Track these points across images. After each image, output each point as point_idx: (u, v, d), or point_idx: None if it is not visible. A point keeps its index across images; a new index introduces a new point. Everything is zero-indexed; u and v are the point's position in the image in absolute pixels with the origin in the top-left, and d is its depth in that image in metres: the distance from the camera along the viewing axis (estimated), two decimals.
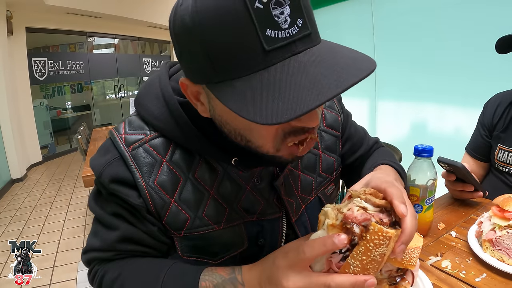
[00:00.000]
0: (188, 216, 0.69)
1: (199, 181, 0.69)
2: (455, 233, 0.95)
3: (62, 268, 2.87)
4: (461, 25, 2.73)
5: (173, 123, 0.66)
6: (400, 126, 3.51)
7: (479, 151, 1.44)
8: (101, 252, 0.71)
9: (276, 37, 0.46)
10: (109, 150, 0.68)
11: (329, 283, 0.49)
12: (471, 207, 1.13)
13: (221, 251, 0.74)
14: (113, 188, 0.65)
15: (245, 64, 0.47)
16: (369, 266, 0.49)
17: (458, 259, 0.83)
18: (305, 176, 0.82)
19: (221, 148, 0.67)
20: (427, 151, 0.87)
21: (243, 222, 0.74)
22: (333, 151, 0.87)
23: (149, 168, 0.66)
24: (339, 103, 0.91)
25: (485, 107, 1.45)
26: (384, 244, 0.49)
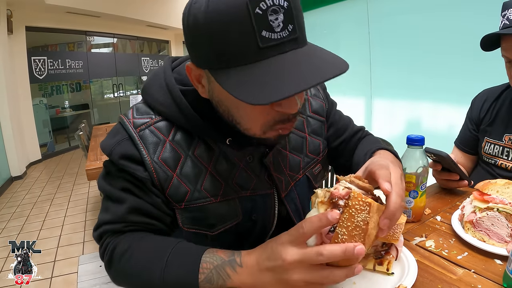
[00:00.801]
0: (188, 189, 0.77)
1: (197, 158, 0.78)
2: (440, 218, 1.01)
3: (63, 262, 2.92)
4: (454, 25, 2.78)
5: (176, 108, 0.76)
6: (395, 124, 3.57)
7: (467, 144, 1.50)
8: (112, 224, 0.78)
9: (270, 38, 0.55)
10: (118, 132, 0.78)
11: (321, 251, 0.54)
12: (457, 196, 1.19)
13: (217, 223, 0.82)
14: (122, 163, 0.75)
15: (242, 57, 0.57)
16: (354, 232, 0.55)
17: (442, 239, 0.89)
18: (293, 156, 0.91)
19: (217, 130, 0.76)
20: (419, 140, 0.94)
21: (238, 197, 0.83)
22: (318, 135, 0.97)
23: (154, 146, 0.76)
24: (324, 92, 1.02)
25: (473, 102, 1.51)
26: (365, 210, 0.55)
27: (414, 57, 3.19)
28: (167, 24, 8.97)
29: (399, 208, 0.59)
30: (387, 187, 0.58)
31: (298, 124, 0.93)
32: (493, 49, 1.25)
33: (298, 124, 0.93)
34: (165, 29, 9.59)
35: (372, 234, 0.57)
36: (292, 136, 0.92)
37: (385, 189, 0.58)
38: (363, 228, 0.55)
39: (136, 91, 9.92)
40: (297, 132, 0.93)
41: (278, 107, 0.63)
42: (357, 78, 3.86)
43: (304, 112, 0.95)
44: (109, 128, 4.00)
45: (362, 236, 0.55)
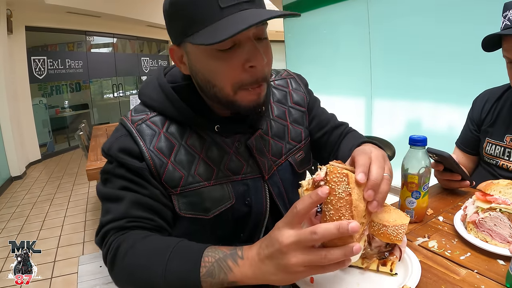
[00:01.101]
0: (182, 174, 0.84)
1: (190, 146, 0.86)
2: (442, 218, 1.01)
3: (63, 263, 2.92)
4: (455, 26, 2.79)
5: (168, 102, 0.85)
6: (395, 124, 3.58)
7: (469, 145, 1.50)
8: (115, 222, 0.80)
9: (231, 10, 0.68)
10: (118, 130, 0.87)
11: (315, 229, 0.54)
12: (459, 196, 1.19)
13: (212, 206, 0.87)
14: (121, 156, 0.81)
15: (208, 18, 0.68)
16: (339, 205, 0.55)
17: (444, 240, 0.89)
18: (275, 142, 0.98)
19: (206, 118, 0.85)
20: (421, 140, 0.94)
21: (231, 182, 0.89)
22: (300, 124, 1.04)
23: (150, 137, 0.84)
24: (306, 88, 1.10)
25: (474, 103, 1.51)
26: (344, 181, 0.56)
27: (415, 58, 3.20)
28: None
29: (381, 178, 0.60)
30: (360, 177, 0.59)
31: (280, 113, 1.01)
32: (494, 50, 1.25)
33: (280, 113, 1.01)
34: (164, 29, 9.28)
35: (359, 207, 0.57)
36: (275, 124, 0.99)
37: (357, 179, 0.59)
38: (346, 200, 0.55)
39: (136, 91, 9.91)
40: (279, 121, 1.00)
41: (247, 63, 0.72)
42: (357, 78, 3.87)
43: (286, 103, 1.03)
44: (109, 128, 4.01)
45: (348, 208, 0.55)
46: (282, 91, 1.05)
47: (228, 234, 0.92)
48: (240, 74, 0.74)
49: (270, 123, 0.98)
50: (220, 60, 0.73)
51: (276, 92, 1.04)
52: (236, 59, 0.72)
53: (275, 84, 1.06)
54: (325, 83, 4.41)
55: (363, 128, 3.91)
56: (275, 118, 0.99)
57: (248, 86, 0.76)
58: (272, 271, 0.59)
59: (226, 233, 0.92)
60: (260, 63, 0.73)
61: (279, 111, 1.01)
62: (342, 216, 0.55)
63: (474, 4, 2.62)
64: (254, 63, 0.73)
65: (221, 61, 0.73)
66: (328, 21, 4.18)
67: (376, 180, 0.59)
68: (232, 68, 0.73)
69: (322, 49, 4.39)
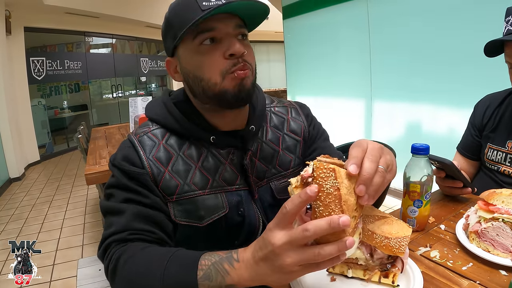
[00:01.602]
0: (178, 182, 0.88)
1: (187, 157, 0.91)
2: (444, 226, 1.00)
3: (62, 266, 2.90)
4: (455, 28, 2.79)
5: (169, 115, 0.93)
6: (395, 126, 3.57)
7: (470, 150, 1.49)
8: (117, 235, 0.82)
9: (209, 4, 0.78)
10: (123, 143, 0.94)
11: (306, 227, 0.53)
12: (460, 203, 1.18)
13: (206, 214, 0.90)
14: (123, 164, 0.88)
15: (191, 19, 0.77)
16: (328, 200, 0.54)
17: (446, 249, 0.89)
18: (261, 165, 0.99)
19: (203, 130, 0.91)
20: (424, 149, 0.93)
21: (225, 192, 0.93)
22: (291, 152, 1.05)
23: (150, 148, 0.90)
24: (306, 118, 1.11)
25: (476, 108, 1.51)
26: (331, 176, 0.55)
27: (415, 59, 3.20)
28: None
29: (374, 172, 0.58)
30: (352, 169, 0.57)
31: (274, 138, 1.03)
32: (497, 55, 1.25)
33: (274, 138, 1.03)
34: None
35: (349, 201, 0.56)
36: (266, 147, 1.01)
37: (348, 171, 0.57)
38: (335, 195, 0.54)
39: (135, 91, 9.91)
40: (271, 145, 1.02)
41: (227, 51, 0.81)
42: (357, 80, 3.86)
43: (282, 130, 1.06)
44: (108, 130, 3.99)
45: (338, 203, 0.54)
46: (280, 118, 1.07)
47: (222, 241, 0.94)
48: (223, 62, 0.82)
49: (261, 145, 1.00)
50: (205, 54, 0.82)
51: (274, 118, 1.07)
52: (217, 50, 0.82)
53: (274, 110, 1.09)
54: (325, 84, 4.41)
55: (363, 130, 3.91)
56: (267, 141, 1.02)
57: (234, 69, 0.82)
58: (268, 273, 0.59)
59: (220, 241, 0.94)
60: (238, 51, 0.81)
61: (273, 136, 1.04)
62: (332, 211, 0.54)
63: (475, 6, 2.62)
64: (233, 51, 0.80)
65: (205, 55, 0.82)
66: (328, 22, 4.17)
67: (368, 174, 0.57)
68: (215, 57, 0.82)
69: (321, 51, 4.38)
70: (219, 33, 0.82)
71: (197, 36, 0.81)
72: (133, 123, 3.15)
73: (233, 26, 0.83)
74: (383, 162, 0.61)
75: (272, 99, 1.12)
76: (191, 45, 0.83)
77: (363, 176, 0.57)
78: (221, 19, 0.81)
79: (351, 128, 4.06)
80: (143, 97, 3.33)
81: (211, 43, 0.82)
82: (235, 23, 0.83)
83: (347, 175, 0.57)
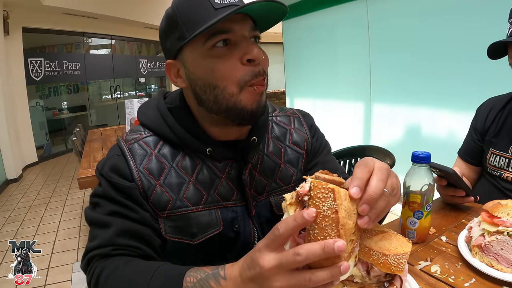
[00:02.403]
0: (170, 197, 0.82)
1: (181, 169, 0.84)
2: (445, 238, 0.96)
3: (57, 269, 2.87)
4: (456, 29, 2.75)
5: (163, 121, 0.85)
6: (395, 129, 3.53)
7: (471, 155, 1.45)
8: (100, 249, 0.77)
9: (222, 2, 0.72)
10: (112, 149, 0.87)
11: (298, 251, 0.49)
12: (462, 212, 1.14)
13: (199, 232, 0.84)
14: (111, 176, 0.80)
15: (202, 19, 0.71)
16: (324, 224, 0.50)
17: (448, 264, 0.84)
18: (261, 179, 0.92)
19: (198, 140, 0.83)
20: (425, 157, 0.88)
21: (219, 207, 0.86)
22: (294, 165, 0.98)
23: (140, 157, 0.83)
24: (310, 130, 1.03)
25: (478, 112, 1.46)
26: (329, 197, 0.50)
27: (415, 61, 3.16)
28: None
29: (380, 192, 0.54)
30: (354, 192, 0.52)
31: (275, 150, 0.96)
32: (500, 57, 1.21)
33: (275, 150, 0.96)
34: None
35: (347, 224, 0.51)
36: (267, 160, 0.94)
37: (350, 194, 0.52)
38: (332, 218, 0.50)
39: (135, 92, 9.88)
40: (272, 157, 0.95)
41: (245, 56, 0.73)
42: (356, 82, 3.82)
43: (284, 141, 0.98)
44: (104, 132, 3.95)
45: (335, 227, 0.50)
46: (282, 128, 1.00)
47: (214, 254, 0.89)
48: (241, 69, 0.74)
49: (262, 158, 0.93)
50: (218, 58, 0.74)
51: (276, 128, 0.99)
52: (233, 54, 0.74)
53: (276, 120, 1.01)
54: (324, 86, 4.37)
55: (362, 133, 3.86)
56: (268, 153, 0.95)
57: (254, 81, 0.75)
58: None
59: (212, 254, 0.89)
60: (257, 56, 0.74)
61: (275, 148, 0.96)
62: (327, 235, 0.50)
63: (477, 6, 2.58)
64: (252, 56, 0.73)
65: (219, 58, 0.74)
66: (327, 23, 4.13)
67: (374, 194, 0.53)
68: (231, 63, 0.74)
69: (320, 52, 4.34)
70: (235, 36, 0.74)
71: (210, 38, 0.72)
72: (129, 125, 3.11)
73: (248, 28, 0.76)
74: (389, 185, 0.57)
75: (274, 107, 1.05)
76: (202, 48, 0.74)
77: (369, 195, 0.53)
78: (236, 20, 0.73)
79: (350, 131, 4.02)
80: (140, 99, 3.29)
81: (224, 45, 0.74)
82: (250, 25, 0.76)
83: (347, 196, 0.52)
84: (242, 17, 0.75)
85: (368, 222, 0.53)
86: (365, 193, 0.53)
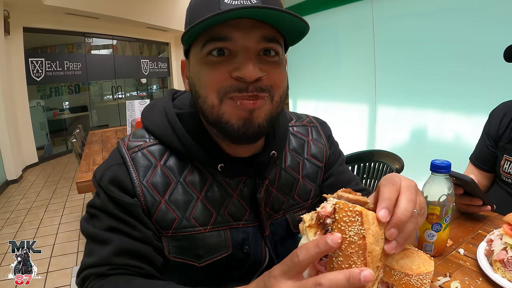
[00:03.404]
0: (176, 216, 0.74)
1: (189, 185, 0.76)
2: (463, 251, 0.91)
3: (56, 274, 2.82)
4: (464, 31, 2.70)
5: (170, 129, 0.75)
6: (400, 133, 3.47)
7: (484, 161, 1.40)
8: (96, 268, 0.71)
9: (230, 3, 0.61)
10: (112, 156, 0.78)
11: (320, 281, 0.44)
12: (478, 222, 1.09)
13: (205, 254, 0.77)
14: (111, 189, 0.72)
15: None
16: (349, 251, 0.45)
17: (468, 279, 0.79)
18: (278, 196, 0.85)
19: (209, 154, 0.75)
20: (445, 166, 0.82)
21: (229, 228, 0.79)
22: (312, 180, 0.91)
23: (144, 169, 0.74)
24: (328, 140, 0.96)
25: (491, 116, 1.42)
26: (356, 220, 0.46)
27: (421, 64, 3.10)
28: (167, 26, 8.89)
29: (410, 215, 0.49)
30: (382, 215, 0.48)
31: (294, 164, 0.88)
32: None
33: (294, 164, 0.88)
34: (165, 31, 9.51)
35: (375, 251, 0.47)
36: (284, 175, 0.86)
37: (378, 217, 0.48)
38: (359, 244, 0.45)
39: (136, 93, 9.85)
40: (291, 172, 0.88)
41: (234, 72, 0.63)
42: (361, 84, 3.77)
43: (302, 154, 0.91)
44: (105, 134, 3.90)
45: (361, 254, 0.45)
46: (300, 140, 0.92)
47: (220, 272, 0.83)
48: (225, 81, 0.64)
49: (279, 173, 0.85)
50: (209, 66, 0.65)
51: (293, 140, 0.91)
52: (224, 66, 0.64)
53: (293, 131, 0.92)
54: (327, 88, 4.33)
55: (367, 136, 3.81)
56: (286, 168, 0.87)
57: (235, 94, 0.64)
58: None
59: (217, 272, 0.82)
60: (249, 75, 0.62)
61: (293, 161, 0.88)
62: (353, 264, 0.45)
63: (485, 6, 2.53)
64: (242, 73, 0.62)
65: (210, 67, 0.65)
66: (331, 24, 4.08)
67: (404, 217, 0.48)
68: (217, 73, 0.64)
69: (324, 53, 4.29)
70: (234, 45, 0.63)
71: (207, 44, 0.64)
72: (130, 127, 3.06)
73: (256, 38, 0.63)
74: (418, 205, 0.52)
75: (290, 116, 0.95)
76: (199, 53, 0.66)
77: (398, 218, 0.48)
78: (241, 26, 0.62)
79: (354, 134, 3.97)
80: (141, 100, 3.24)
81: (219, 55, 0.64)
82: (261, 34, 0.64)
83: (375, 220, 0.47)
84: (254, 23, 0.63)
85: (396, 247, 0.48)
86: (394, 216, 0.48)
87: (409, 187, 0.52)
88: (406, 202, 0.49)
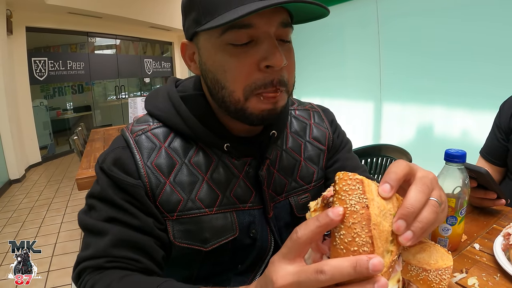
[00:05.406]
0: (181, 198, 0.73)
1: (194, 166, 0.75)
2: (479, 246, 0.86)
3: (57, 273, 2.79)
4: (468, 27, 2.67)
5: (174, 112, 0.75)
6: (405, 130, 3.43)
7: (495, 155, 1.36)
8: (93, 260, 0.68)
9: None
10: (116, 141, 0.77)
11: (321, 267, 0.38)
12: (492, 216, 1.04)
13: (212, 237, 0.75)
14: (114, 170, 0.70)
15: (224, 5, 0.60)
16: (351, 221, 0.40)
17: (485, 275, 0.75)
18: (280, 177, 0.84)
19: (215, 134, 0.74)
20: (460, 156, 0.77)
21: (235, 210, 0.78)
22: (314, 163, 0.90)
23: (148, 151, 0.73)
24: (331, 125, 0.96)
25: (501, 108, 1.37)
26: (357, 189, 0.41)
27: (426, 60, 3.07)
28: (171, 26, 8.87)
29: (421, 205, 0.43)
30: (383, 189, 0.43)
31: (295, 146, 0.88)
32: None
33: (295, 146, 0.88)
34: (168, 31, 9.51)
35: (382, 225, 0.41)
36: (285, 156, 0.86)
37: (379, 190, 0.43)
38: (361, 214, 0.40)
39: (140, 93, 9.84)
40: (292, 154, 0.87)
41: (263, 61, 0.62)
42: (366, 81, 3.73)
43: (304, 137, 0.90)
44: (107, 132, 3.87)
45: (366, 226, 0.40)
46: (302, 123, 0.92)
47: (224, 264, 0.80)
48: (253, 74, 0.63)
49: (280, 154, 0.85)
50: (233, 56, 0.63)
51: (295, 122, 0.91)
52: (251, 56, 0.63)
53: (295, 114, 0.93)
54: (331, 85, 4.29)
55: (372, 134, 3.77)
56: (287, 149, 0.86)
57: (261, 91, 0.64)
58: None
59: (222, 263, 0.79)
60: (278, 63, 0.62)
61: (295, 143, 0.88)
62: (356, 236, 0.40)
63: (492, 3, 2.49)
64: (271, 62, 0.62)
65: (233, 57, 0.63)
66: (335, 21, 4.04)
67: (412, 208, 0.42)
68: (245, 65, 0.63)
69: (328, 50, 4.25)
70: (258, 32, 0.62)
71: (228, 31, 0.61)
72: None
73: (276, 24, 0.62)
74: (437, 195, 0.46)
75: (292, 100, 0.96)
76: (218, 39, 0.63)
77: (405, 208, 0.42)
78: (263, 12, 0.59)
79: (360, 131, 3.92)
80: (143, 97, 3.21)
81: (242, 44, 0.62)
82: (281, 19, 0.63)
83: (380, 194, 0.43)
84: (273, 9, 0.61)
85: (412, 238, 0.42)
86: (402, 205, 0.43)
87: (424, 177, 0.46)
88: (416, 191, 0.44)
